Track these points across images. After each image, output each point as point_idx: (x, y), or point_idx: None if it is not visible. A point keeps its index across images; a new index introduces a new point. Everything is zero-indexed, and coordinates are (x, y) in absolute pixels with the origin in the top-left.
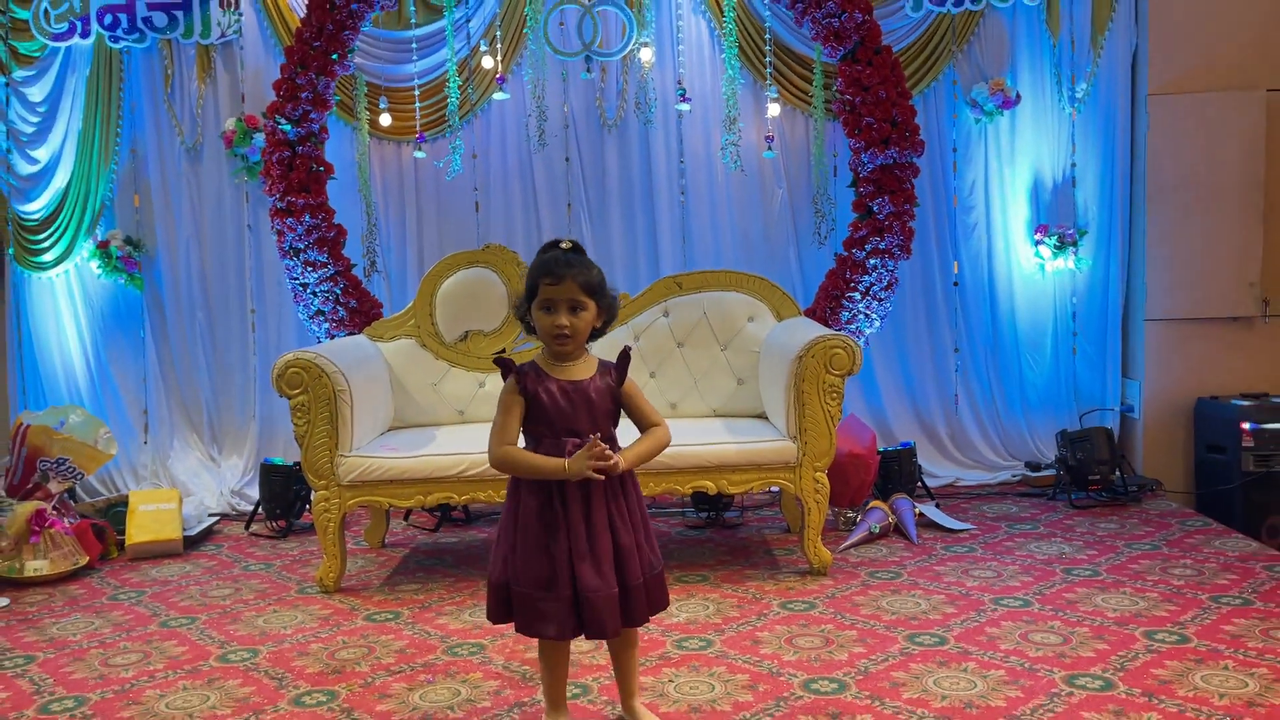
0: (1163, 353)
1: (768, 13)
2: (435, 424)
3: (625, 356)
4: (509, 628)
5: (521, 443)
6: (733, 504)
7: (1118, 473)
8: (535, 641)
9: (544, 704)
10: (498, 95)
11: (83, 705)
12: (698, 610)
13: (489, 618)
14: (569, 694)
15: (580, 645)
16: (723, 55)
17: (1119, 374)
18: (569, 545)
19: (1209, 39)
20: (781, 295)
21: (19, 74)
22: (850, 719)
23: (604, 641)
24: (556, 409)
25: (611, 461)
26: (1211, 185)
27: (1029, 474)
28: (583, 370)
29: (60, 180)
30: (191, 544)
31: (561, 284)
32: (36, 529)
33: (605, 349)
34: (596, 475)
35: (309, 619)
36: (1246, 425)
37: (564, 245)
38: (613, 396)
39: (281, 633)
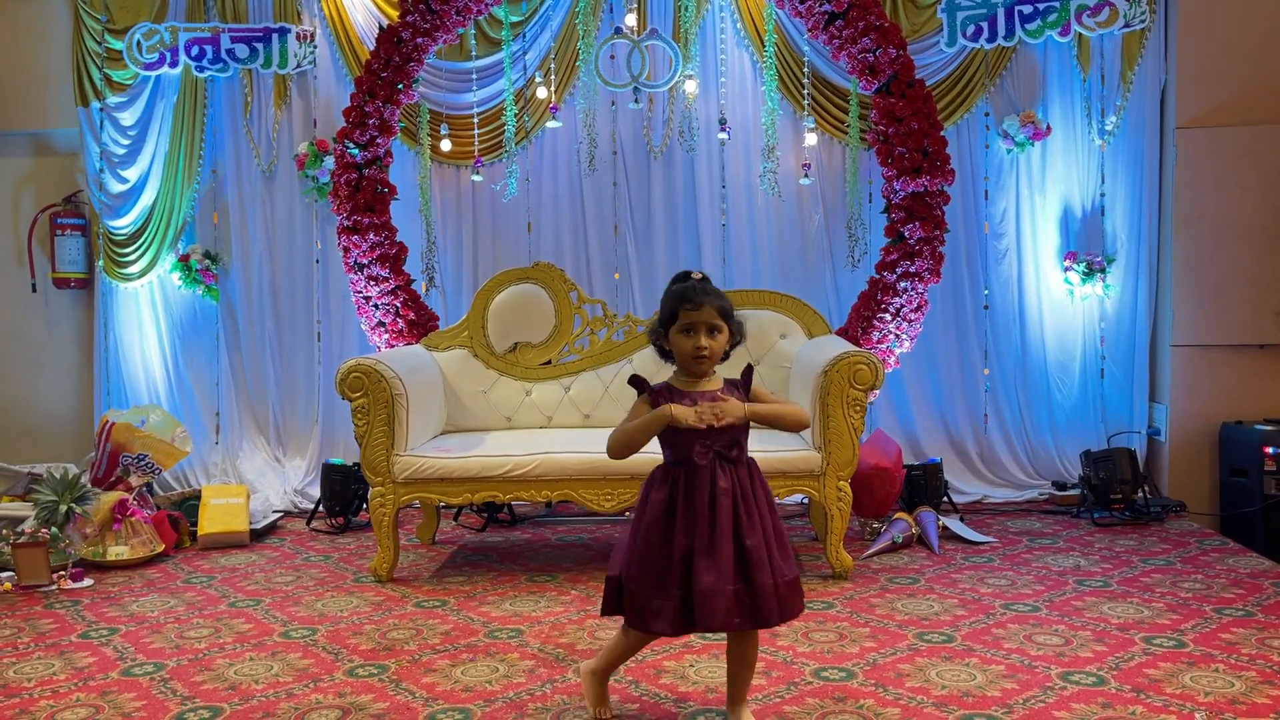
0: (1189, 378)
1: (807, 46)
2: (485, 429)
3: (749, 371)
4: (544, 615)
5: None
6: None
7: (1141, 493)
8: (566, 627)
9: (595, 664)
10: (551, 123)
11: (161, 670)
12: None
13: (601, 610)
14: None
15: (611, 633)
16: (763, 87)
17: (1146, 398)
18: (688, 543)
19: (1236, 75)
20: (812, 314)
21: (112, 100)
22: (854, 703)
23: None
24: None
25: (718, 413)
26: (1238, 216)
27: (1055, 493)
28: (711, 386)
29: (147, 198)
30: (257, 536)
31: (700, 309)
32: (119, 517)
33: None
34: (701, 423)
35: (363, 604)
36: (1269, 449)
37: (696, 276)
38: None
39: (338, 615)
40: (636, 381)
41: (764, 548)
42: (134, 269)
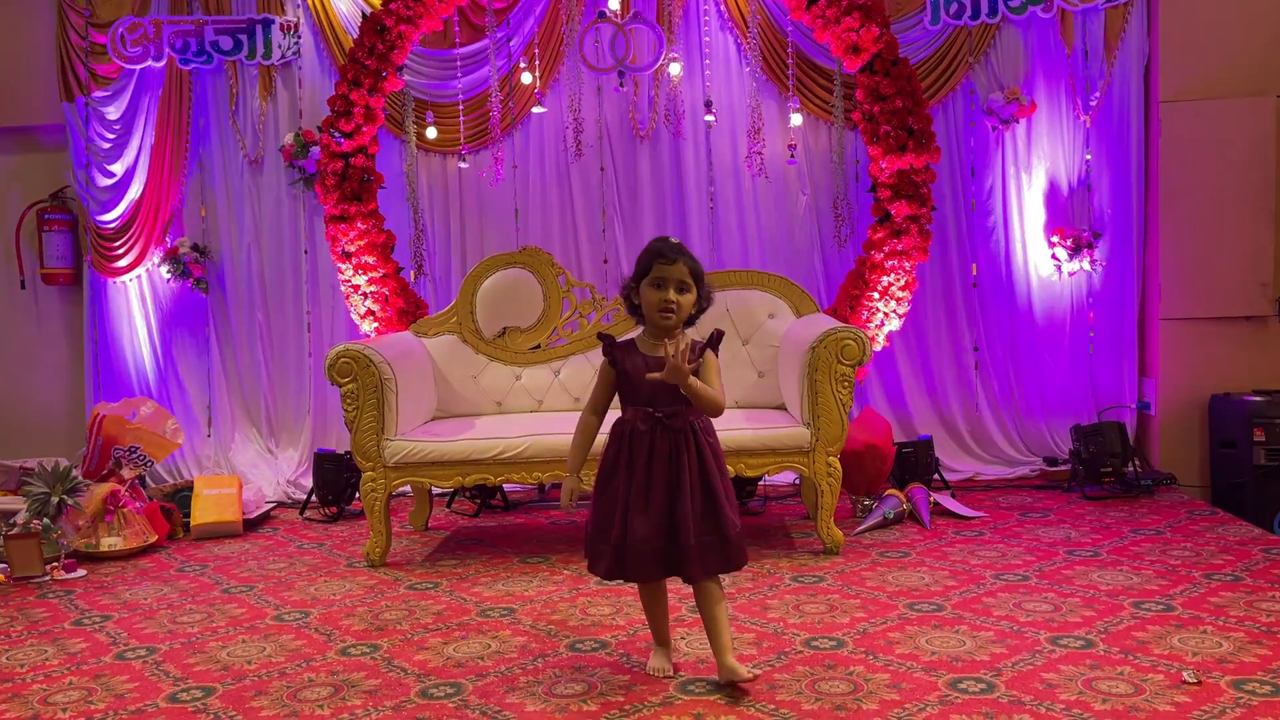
0: (1178, 351)
1: (790, 27)
2: (475, 414)
3: (716, 335)
4: (537, 594)
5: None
6: (755, 493)
7: (1132, 466)
8: (558, 605)
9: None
10: (536, 109)
11: (154, 654)
12: None
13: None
14: (587, 648)
15: (602, 610)
16: (748, 68)
17: (1135, 372)
18: (627, 497)
19: (1220, 48)
20: (800, 293)
21: (97, 94)
22: (844, 669)
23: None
24: (640, 379)
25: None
26: (1224, 189)
27: (1047, 468)
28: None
29: (134, 192)
30: (250, 526)
31: (674, 265)
32: (111, 509)
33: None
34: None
35: (356, 587)
36: (1258, 420)
37: (673, 240)
38: (694, 371)
39: (331, 598)
40: (602, 337)
41: (690, 513)
42: (122, 263)
